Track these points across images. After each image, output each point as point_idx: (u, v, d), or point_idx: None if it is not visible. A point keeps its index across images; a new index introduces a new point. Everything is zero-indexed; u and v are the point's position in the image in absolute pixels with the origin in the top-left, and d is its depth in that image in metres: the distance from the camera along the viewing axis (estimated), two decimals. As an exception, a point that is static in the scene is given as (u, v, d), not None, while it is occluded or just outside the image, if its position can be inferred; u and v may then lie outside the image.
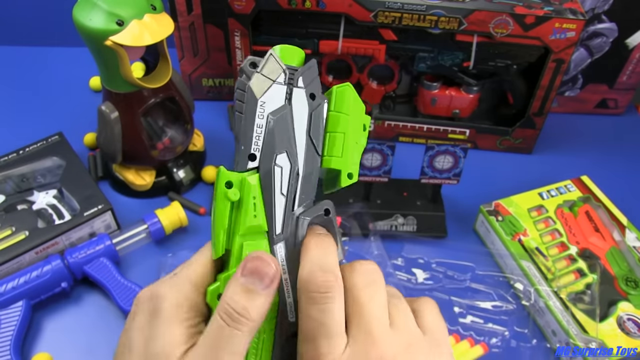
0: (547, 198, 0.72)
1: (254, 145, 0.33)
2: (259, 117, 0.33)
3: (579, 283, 0.63)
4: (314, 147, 0.34)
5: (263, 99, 0.33)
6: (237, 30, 0.75)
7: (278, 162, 0.33)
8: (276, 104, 0.33)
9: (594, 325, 0.59)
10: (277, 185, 0.33)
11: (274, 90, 0.33)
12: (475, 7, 0.70)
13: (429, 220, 0.71)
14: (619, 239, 0.69)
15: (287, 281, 0.33)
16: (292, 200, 0.34)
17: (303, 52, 0.35)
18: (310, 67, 0.35)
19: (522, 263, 0.65)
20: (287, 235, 0.34)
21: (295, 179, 0.34)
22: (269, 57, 0.33)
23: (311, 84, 0.35)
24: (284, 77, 0.34)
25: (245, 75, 0.33)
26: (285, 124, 0.34)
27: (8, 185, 0.71)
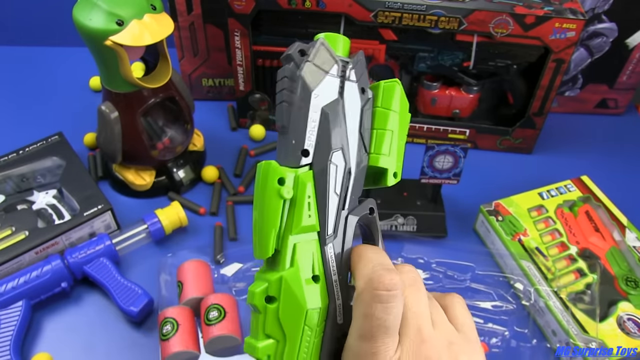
0: (547, 198, 0.72)
1: (308, 141, 0.31)
2: (313, 111, 0.31)
3: (579, 283, 0.63)
4: (363, 144, 0.33)
5: (317, 92, 0.31)
6: (237, 30, 0.75)
7: (334, 160, 0.32)
8: (330, 97, 0.32)
9: (594, 325, 0.59)
10: (331, 184, 0.31)
11: (327, 82, 0.32)
12: (475, 7, 0.70)
13: (429, 220, 0.71)
14: (619, 239, 0.69)
15: (337, 282, 0.32)
16: (343, 200, 0.32)
17: (349, 40, 0.34)
18: (359, 61, 0.33)
19: (522, 263, 0.65)
20: (337, 235, 0.32)
21: (347, 177, 0.32)
22: (320, 46, 0.32)
23: (362, 78, 0.33)
24: (337, 69, 0.32)
25: (294, 63, 0.32)
26: (340, 120, 0.32)
27: (8, 185, 0.71)
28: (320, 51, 0.32)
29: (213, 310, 0.58)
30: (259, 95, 0.83)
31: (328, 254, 0.32)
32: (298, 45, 0.32)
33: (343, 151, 0.32)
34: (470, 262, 0.67)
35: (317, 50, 0.32)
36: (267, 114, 0.85)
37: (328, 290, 0.32)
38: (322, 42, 0.32)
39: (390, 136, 0.33)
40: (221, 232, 0.71)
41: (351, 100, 0.32)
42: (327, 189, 0.31)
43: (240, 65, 0.79)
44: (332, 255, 0.32)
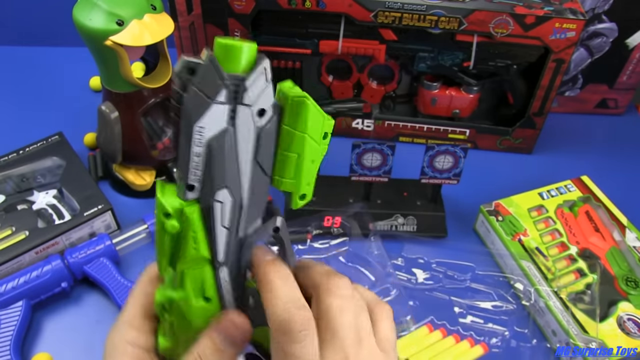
0: (547, 198, 0.72)
1: (192, 176, 0.29)
2: (196, 145, 0.28)
3: (579, 283, 0.63)
4: (262, 170, 0.31)
5: (201, 124, 0.28)
6: (237, 30, 0.75)
7: (219, 197, 0.29)
8: (217, 127, 0.28)
9: (594, 325, 0.59)
10: (217, 220, 0.30)
11: (214, 111, 0.27)
12: (475, 7, 0.70)
13: (429, 220, 0.71)
14: (619, 239, 0.69)
15: (235, 299, 0.33)
16: (235, 230, 0.31)
17: (254, 46, 0.29)
18: (258, 75, 0.28)
19: (522, 263, 0.65)
20: (231, 259, 0.32)
21: (238, 211, 0.31)
22: (206, 66, 0.27)
23: (260, 98, 0.29)
24: (226, 94, 0.28)
25: (181, 83, 0.28)
26: (229, 152, 0.29)
27: (8, 185, 0.71)
28: (207, 73, 0.27)
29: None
30: (259, 95, 0.83)
31: (221, 278, 0.32)
32: (185, 61, 0.27)
33: (230, 188, 0.30)
34: (470, 262, 0.67)
35: (203, 72, 0.27)
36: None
37: (223, 307, 0.33)
38: (210, 60, 0.27)
39: (295, 159, 0.31)
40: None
41: (245, 126, 0.29)
42: (214, 224, 0.30)
43: (240, 65, 0.79)
44: (227, 278, 0.32)
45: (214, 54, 0.27)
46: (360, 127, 0.85)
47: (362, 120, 0.84)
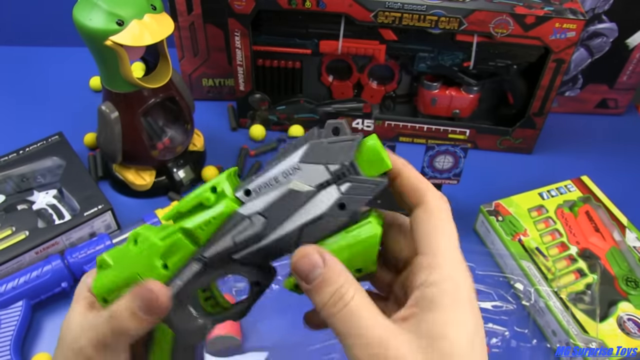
0: (547, 198, 0.72)
1: (256, 188, 0.31)
2: (282, 173, 0.30)
3: (579, 283, 0.63)
4: (298, 235, 0.31)
5: (300, 166, 0.30)
6: (237, 30, 0.75)
7: (253, 218, 0.31)
8: (308, 180, 0.30)
9: (594, 325, 0.59)
10: (235, 230, 0.31)
11: (318, 170, 0.30)
12: (476, 7, 0.70)
13: (429, 220, 0.71)
14: (619, 239, 0.69)
15: (179, 286, 0.32)
16: (236, 248, 0.31)
17: (390, 165, 0.30)
18: (368, 189, 0.30)
19: (522, 263, 0.65)
20: (211, 266, 0.32)
21: (253, 241, 0.31)
22: (354, 142, 0.29)
23: (354, 200, 0.30)
24: (338, 170, 0.29)
25: (318, 133, 0.30)
26: (292, 203, 0.30)
27: (8, 185, 0.71)
28: (345, 141, 0.29)
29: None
30: (259, 95, 0.83)
31: (191, 265, 0.32)
32: (340, 123, 0.30)
33: (268, 222, 0.31)
34: (471, 262, 0.67)
35: (344, 140, 0.29)
36: (267, 114, 0.85)
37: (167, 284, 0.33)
38: (356, 139, 0.29)
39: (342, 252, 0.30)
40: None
41: (323, 201, 0.30)
42: (229, 230, 0.31)
43: (241, 65, 0.79)
44: (193, 269, 0.32)
45: (360, 145, 0.30)
46: (360, 127, 0.85)
47: (362, 121, 0.84)
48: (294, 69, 0.83)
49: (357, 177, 0.30)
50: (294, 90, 0.86)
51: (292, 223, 0.30)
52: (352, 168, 0.29)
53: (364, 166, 0.30)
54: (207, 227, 0.31)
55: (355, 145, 0.29)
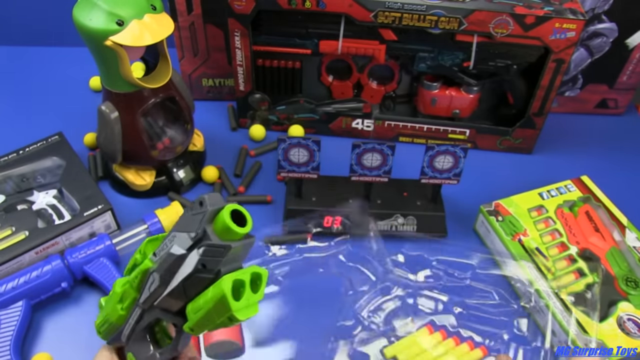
0: (547, 198, 0.72)
1: (158, 251, 0.39)
2: (167, 240, 0.38)
3: (579, 283, 0.63)
4: (183, 290, 0.37)
5: (175, 234, 0.37)
6: (237, 30, 0.75)
7: (152, 277, 0.39)
8: (182, 245, 0.36)
9: (594, 325, 0.59)
10: (147, 283, 0.39)
11: (184, 236, 0.36)
12: (475, 7, 0.70)
13: (429, 220, 0.71)
14: (619, 239, 0.69)
15: (130, 324, 0.42)
16: (147, 301, 0.40)
17: (243, 231, 0.35)
18: (219, 252, 0.35)
19: (522, 263, 0.65)
20: (142, 308, 0.41)
21: (157, 292, 0.39)
22: (209, 217, 0.35)
23: (210, 261, 0.35)
24: (194, 235, 0.36)
25: (196, 208, 0.36)
26: (172, 265, 0.37)
27: (8, 185, 0.71)
28: (200, 218, 0.35)
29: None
30: (259, 95, 0.83)
31: (135, 310, 0.42)
32: (205, 196, 0.36)
33: (161, 279, 0.38)
34: (470, 261, 0.67)
35: (203, 214, 0.35)
36: (267, 114, 0.85)
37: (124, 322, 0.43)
38: (207, 221, 0.36)
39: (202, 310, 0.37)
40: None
41: (189, 263, 0.36)
42: (145, 284, 0.40)
43: (240, 65, 0.79)
44: (136, 314, 0.42)
45: (213, 215, 0.36)
46: (360, 127, 0.85)
47: (362, 121, 0.84)
48: (293, 69, 0.83)
49: (209, 242, 0.35)
50: (294, 90, 0.86)
51: (176, 279, 0.37)
52: (204, 235, 0.35)
53: (219, 232, 0.35)
54: (136, 279, 0.40)
55: (206, 216, 0.35)
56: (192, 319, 0.37)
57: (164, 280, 0.37)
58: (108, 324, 0.43)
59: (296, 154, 0.67)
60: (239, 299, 0.35)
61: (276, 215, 0.74)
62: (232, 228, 0.34)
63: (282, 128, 0.87)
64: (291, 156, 0.67)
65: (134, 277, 0.40)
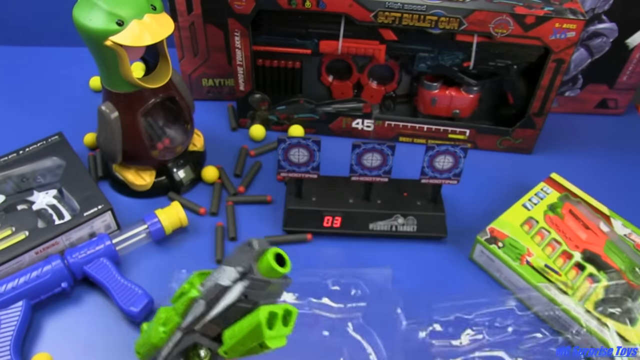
0: (531, 208, 0.71)
1: (205, 282, 0.45)
2: (215, 272, 0.43)
3: (598, 290, 0.63)
4: (224, 319, 0.43)
5: (225, 267, 0.43)
6: (237, 30, 0.75)
7: (198, 301, 0.44)
8: (229, 277, 0.42)
9: (632, 331, 0.59)
10: (192, 309, 0.45)
11: (232, 270, 0.42)
12: (476, 7, 0.70)
13: (429, 220, 0.71)
14: (607, 229, 0.68)
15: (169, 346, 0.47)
16: (189, 326, 0.45)
17: (283, 271, 0.41)
18: (261, 285, 0.41)
19: (541, 287, 0.63)
20: (183, 331, 0.46)
21: (199, 318, 0.44)
22: (256, 256, 0.41)
23: (252, 293, 0.41)
24: (241, 269, 0.42)
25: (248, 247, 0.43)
26: (217, 294, 0.43)
27: (8, 185, 0.71)
28: (249, 254, 0.42)
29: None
30: (259, 95, 0.83)
31: (175, 334, 0.47)
32: (253, 240, 0.43)
33: (206, 304, 0.44)
34: (496, 307, 0.63)
35: (258, 253, 0.42)
36: (267, 114, 0.85)
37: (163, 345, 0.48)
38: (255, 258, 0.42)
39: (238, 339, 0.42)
40: (222, 233, 0.71)
41: (233, 292, 0.42)
42: (189, 310, 0.46)
43: (240, 65, 0.79)
44: (177, 337, 0.47)
45: (261, 256, 0.42)
46: (360, 127, 0.85)
47: (362, 121, 0.84)
48: (293, 69, 0.83)
49: (253, 276, 0.41)
50: (294, 90, 0.86)
51: (219, 307, 0.42)
52: (250, 270, 0.41)
53: (264, 269, 0.41)
54: (182, 306, 0.45)
55: (254, 255, 0.41)
56: (227, 343, 0.42)
57: (208, 307, 0.43)
58: (148, 345, 0.48)
59: (296, 154, 0.67)
60: (272, 329, 0.40)
61: (276, 215, 0.74)
62: (274, 267, 0.40)
63: (282, 128, 0.87)
64: (291, 156, 0.67)
65: (180, 304, 0.45)
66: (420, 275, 0.68)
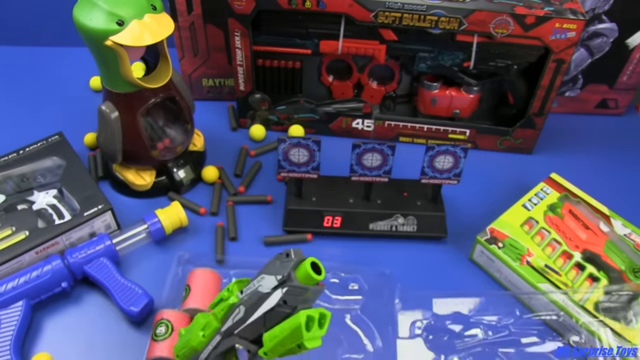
0: (531, 208, 0.71)
1: (245, 289, 0.47)
2: (256, 280, 0.46)
3: (598, 290, 0.63)
4: (263, 321, 0.45)
5: (264, 276, 0.45)
6: (237, 30, 0.75)
7: (239, 307, 0.47)
8: (268, 285, 0.45)
9: (633, 332, 0.59)
10: (232, 314, 0.47)
11: (271, 278, 0.45)
12: (476, 7, 0.70)
13: (429, 220, 0.71)
14: (607, 229, 0.68)
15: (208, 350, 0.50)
16: (230, 328, 0.48)
17: (319, 278, 0.44)
18: (300, 291, 0.44)
19: (541, 287, 0.63)
20: (221, 336, 0.49)
21: (239, 323, 0.47)
22: (294, 265, 0.44)
23: (291, 299, 0.44)
24: (281, 277, 0.44)
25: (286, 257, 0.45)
26: (259, 300, 0.45)
27: (8, 185, 0.71)
28: (291, 265, 0.44)
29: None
30: (259, 95, 0.83)
31: (214, 337, 0.49)
32: (290, 250, 0.45)
33: (245, 308, 0.47)
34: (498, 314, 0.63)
35: (292, 265, 0.44)
36: (267, 114, 0.85)
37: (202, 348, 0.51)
38: (297, 266, 0.44)
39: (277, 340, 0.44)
40: (222, 233, 0.71)
41: (271, 299, 0.44)
42: (229, 315, 0.48)
43: (241, 65, 0.79)
44: (216, 340, 0.49)
45: (298, 266, 0.44)
46: (360, 127, 0.85)
47: (362, 121, 0.84)
48: (294, 69, 0.83)
49: (292, 283, 0.43)
50: (294, 90, 0.86)
51: (259, 312, 0.45)
52: (289, 278, 0.44)
53: (301, 277, 0.44)
54: (222, 312, 0.49)
55: (292, 264, 0.44)
56: (267, 345, 0.44)
57: (248, 313, 0.45)
58: (187, 348, 0.51)
59: (296, 154, 0.67)
60: (309, 331, 0.43)
61: (276, 215, 0.74)
62: (311, 274, 0.43)
63: (282, 128, 0.87)
64: (291, 156, 0.67)
65: (219, 309, 0.48)
66: (420, 275, 0.68)
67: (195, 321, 0.51)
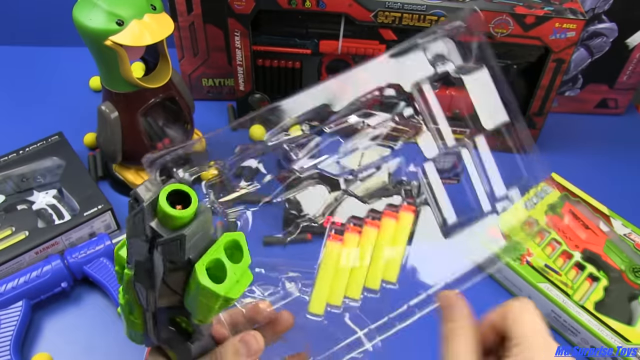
0: (531, 208, 0.71)
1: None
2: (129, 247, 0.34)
3: (598, 290, 0.63)
4: (168, 287, 0.34)
5: (131, 241, 0.33)
6: (237, 30, 0.75)
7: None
8: (142, 250, 0.33)
9: (632, 331, 0.59)
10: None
11: (139, 242, 0.32)
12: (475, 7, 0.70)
13: (429, 220, 0.71)
14: (607, 229, 0.68)
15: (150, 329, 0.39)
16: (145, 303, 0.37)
17: (189, 212, 0.32)
18: (175, 245, 0.31)
19: (541, 287, 0.63)
20: (149, 310, 0.37)
21: (151, 296, 0.35)
22: (149, 211, 0.32)
23: (174, 257, 0.32)
24: (145, 236, 0.32)
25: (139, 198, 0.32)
26: (144, 267, 0.34)
27: (8, 185, 0.71)
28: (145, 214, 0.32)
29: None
30: (259, 95, 0.83)
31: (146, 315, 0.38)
32: (136, 190, 0.33)
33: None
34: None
35: (151, 206, 0.32)
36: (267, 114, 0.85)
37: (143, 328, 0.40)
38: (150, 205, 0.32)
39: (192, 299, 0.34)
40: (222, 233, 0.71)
41: (158, 260, 0.33)
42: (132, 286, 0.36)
43: (240, 65, 0.79)
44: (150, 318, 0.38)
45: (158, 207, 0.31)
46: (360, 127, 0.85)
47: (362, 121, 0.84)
48: (293, 69, 0.82)
49: (161, 239, 0.31)
50: (294, 90, 0.86)
51: (157, 281, 0.33)
52: (154, 233, 0.31)
53: (166, 223, 0.31)
54: (130, 291, 0.37)
55: (146, 213, 0.31)
56: (193, 313, 0.34)
57: (148, 285, 0.34)
58: (134, 333, 0.42)
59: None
60: (224, 280, 0.31)
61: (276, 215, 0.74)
62: (175, 215, 0.30)
63: (282, 128, 0.87)
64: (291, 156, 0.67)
65: (126, 290, 0.37)
66: (420, 275, 0.68)
67: (121, 306, 0.41)
